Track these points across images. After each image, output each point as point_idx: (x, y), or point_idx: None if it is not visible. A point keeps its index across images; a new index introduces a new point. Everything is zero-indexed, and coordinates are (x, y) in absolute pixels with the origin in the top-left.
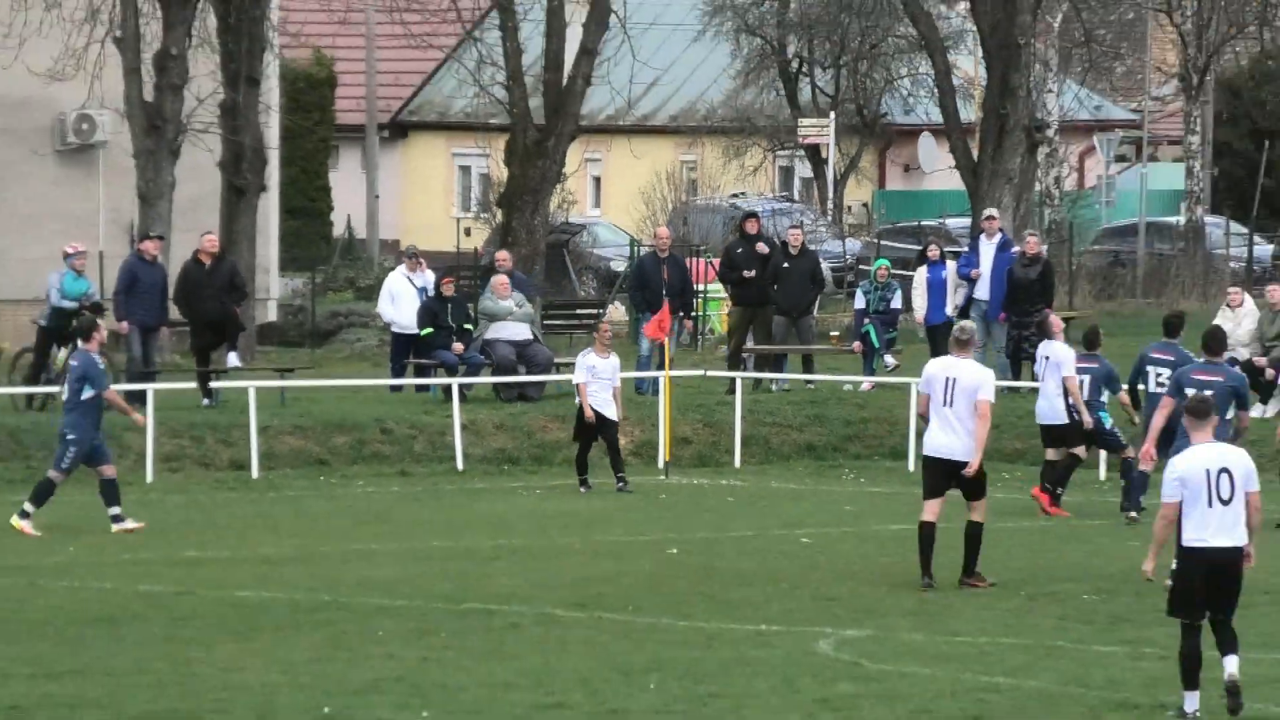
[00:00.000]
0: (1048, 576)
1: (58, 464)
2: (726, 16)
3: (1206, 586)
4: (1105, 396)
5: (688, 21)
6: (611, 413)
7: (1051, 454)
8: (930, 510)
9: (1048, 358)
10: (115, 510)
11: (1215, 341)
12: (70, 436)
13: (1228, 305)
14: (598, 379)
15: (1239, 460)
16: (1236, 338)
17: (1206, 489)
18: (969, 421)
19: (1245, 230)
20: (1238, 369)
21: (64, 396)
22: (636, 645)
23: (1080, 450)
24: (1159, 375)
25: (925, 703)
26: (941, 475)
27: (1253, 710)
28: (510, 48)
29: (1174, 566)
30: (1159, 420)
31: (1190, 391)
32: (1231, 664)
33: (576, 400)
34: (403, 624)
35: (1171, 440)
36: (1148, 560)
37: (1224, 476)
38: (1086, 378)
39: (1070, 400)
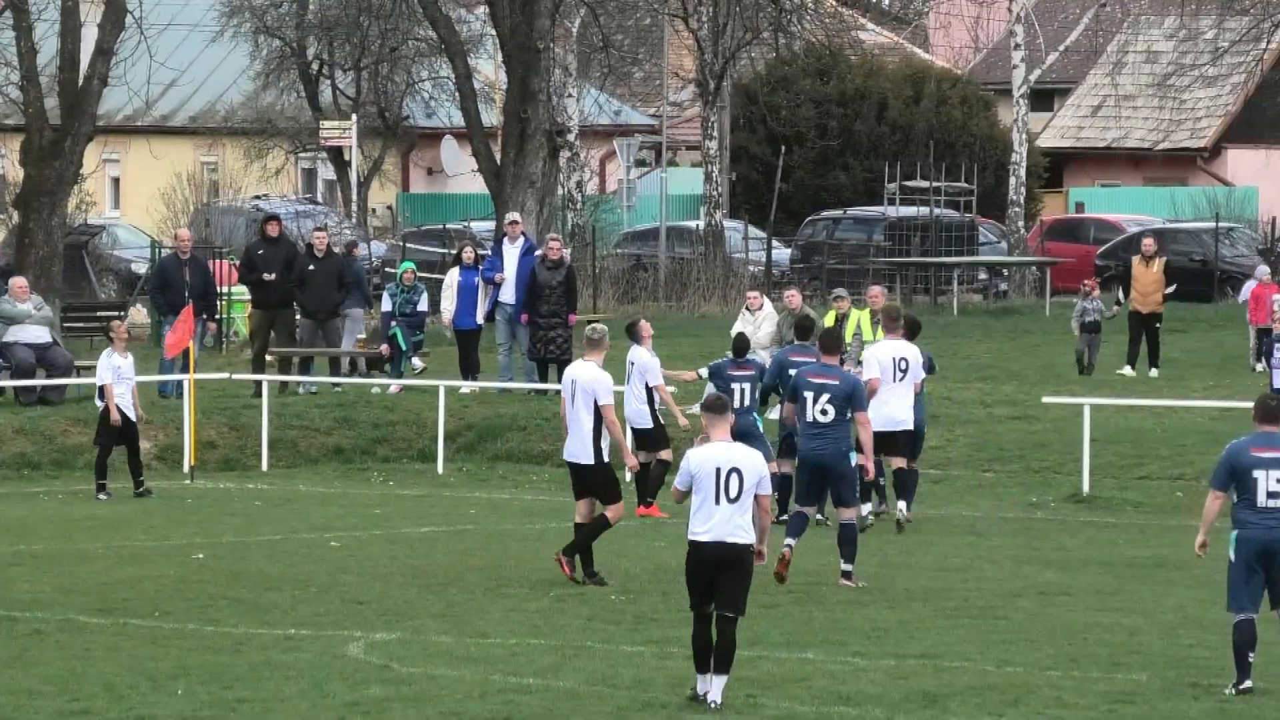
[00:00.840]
0: None
1: None
2: (245, 17)
3: (710, 580)
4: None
5: (206, 22)
6: (133, 413)
7: (643, 456)
8: (580, 511)
9: (634, 363)
10: None
11: (833, 341)
12: None
13: (747, 309)
14: (122, 380)
15: (751, 462)
16: (757, 340)
17: (715, 486)
18: (587, 423)
19: (764, 234)
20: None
21: None
22: (163, 650)
23: (666, 454)
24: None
25: (455, 705)
26: (575, 478)
27: (780, 709)
28: (24, 47)
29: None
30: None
31: (808, 395)
32: (717, 686)
33: (100, 403)
34: None
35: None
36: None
37: (734, 476)
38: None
39: (659, 405)
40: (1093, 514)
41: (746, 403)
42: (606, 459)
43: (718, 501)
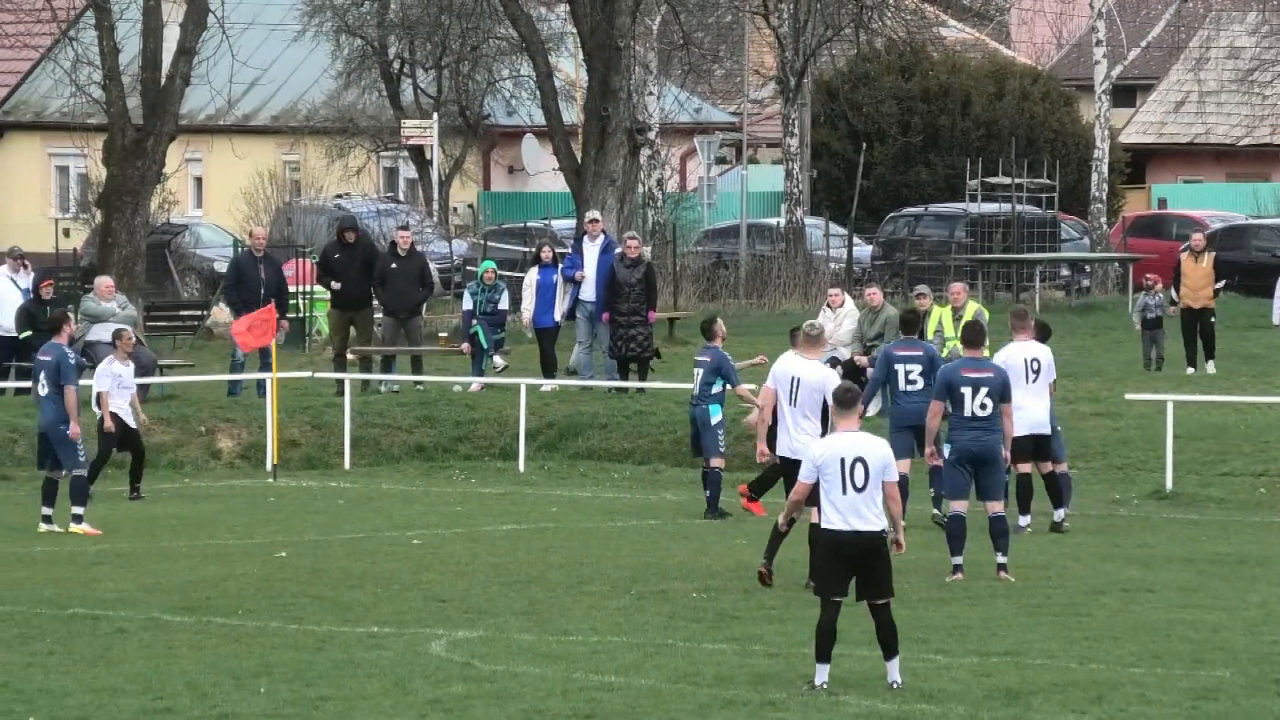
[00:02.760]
0: (656, 575)
1: (76, 461)
2: (326, 17)
3: (847, 569)
4: (717, 388)
5: (287, 21)
6: (133, 421)
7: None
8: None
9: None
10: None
11: (977, 335)
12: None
13: (828, 306)
14: (122, 389)
15: (875, 450)
16: (838, 338)
17: (841, 476)
18: (811, 424)
19: (844, 231)
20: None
21: (42, 392)
22: (246, 649)
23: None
24: (909, 373)
25: (537, 702)
26: (791, 475)
27: (862, 707)
28: (107, 47)
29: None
30: (933, 424)
31: (965, 390)
32: (893, 668)
33: (97, 409)
34: (6, 629)
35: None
36: (781, 514)
37: (859, 465)
38: (700, 370)
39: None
40: (1176, 510)
41: (696, 391)
42: None
43: (844, 491)
